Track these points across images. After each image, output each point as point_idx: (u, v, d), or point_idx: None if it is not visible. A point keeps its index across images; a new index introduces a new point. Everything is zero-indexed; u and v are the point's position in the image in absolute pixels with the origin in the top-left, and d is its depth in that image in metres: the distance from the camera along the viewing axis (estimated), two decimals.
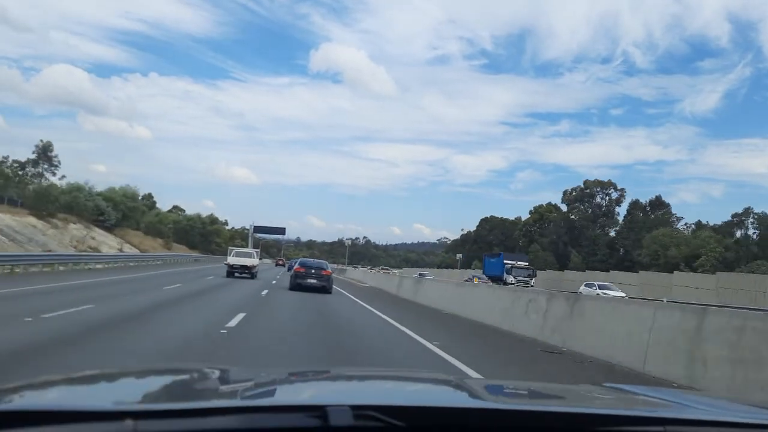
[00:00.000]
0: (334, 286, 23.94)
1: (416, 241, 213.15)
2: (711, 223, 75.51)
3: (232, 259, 30.97)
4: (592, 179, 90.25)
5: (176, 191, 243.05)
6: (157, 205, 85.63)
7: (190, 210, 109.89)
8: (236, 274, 29.76)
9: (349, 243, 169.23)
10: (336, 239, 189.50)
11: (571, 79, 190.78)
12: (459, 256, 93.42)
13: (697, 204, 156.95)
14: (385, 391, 1.79)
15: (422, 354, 8.75)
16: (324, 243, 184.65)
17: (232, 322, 10.53)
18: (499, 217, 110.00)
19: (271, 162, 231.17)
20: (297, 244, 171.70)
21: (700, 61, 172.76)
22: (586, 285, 36.86)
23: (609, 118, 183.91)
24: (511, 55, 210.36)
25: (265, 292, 20.64)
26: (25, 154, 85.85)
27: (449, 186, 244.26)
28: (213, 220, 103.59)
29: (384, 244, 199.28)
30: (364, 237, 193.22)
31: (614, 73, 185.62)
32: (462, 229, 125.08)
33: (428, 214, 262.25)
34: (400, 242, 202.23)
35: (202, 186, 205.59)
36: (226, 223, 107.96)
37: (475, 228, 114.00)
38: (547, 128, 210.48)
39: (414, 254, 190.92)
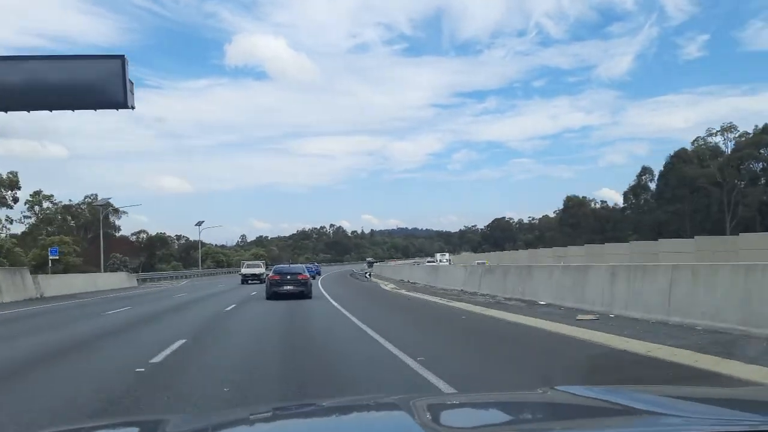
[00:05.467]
0: None
1: (380, 229, 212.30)
2: None
3: (244, 270, 44.63)
4: None
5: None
6: None
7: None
8: (249, 281, 41.33)
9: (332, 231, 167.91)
10: (295, 231, 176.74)
11: (491, 56, 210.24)
12: None
13: (621, 165, 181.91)
14: None
15: None
16: (280, 238, 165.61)
17: (160, 356, 8.30)
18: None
19: (203, 168, 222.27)
20: (243, 245, 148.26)
21: (609, 26, 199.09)
22: None
23: (532, 90, 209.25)
24: (430, 36, 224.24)
25: (231, 307, 19.14)
26: None
27: (390, 174, 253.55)
28: None
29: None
30: (332, 225, 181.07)
31: (531, 45, 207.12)
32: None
33: (374, 203, 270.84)
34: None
35: (131, 201, 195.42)
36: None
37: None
38: (476, 106, 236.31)
39: (399, 239, 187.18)
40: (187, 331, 11.94)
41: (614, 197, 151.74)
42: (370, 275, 50.08)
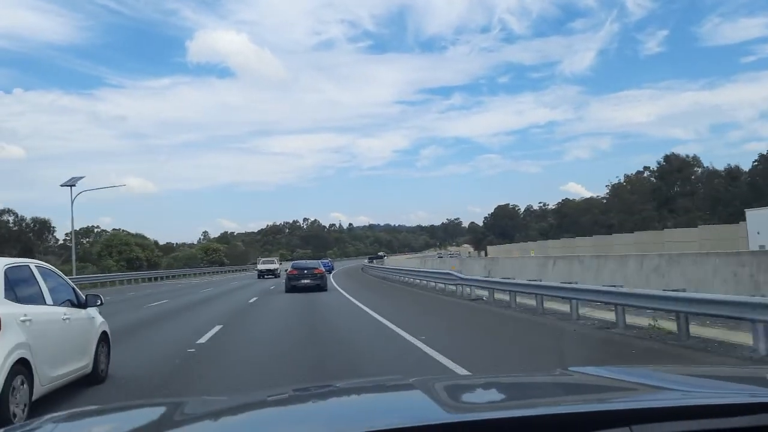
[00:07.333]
0: None
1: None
2: None
3: (260, 266, 51.42)
4: None
5: (66, 211, 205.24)
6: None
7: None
8: (265, 276, 46.36)
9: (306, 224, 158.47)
10: (265, 225, 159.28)
11: (455, 52, 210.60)
12: None
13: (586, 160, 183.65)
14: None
15: None
16: (247, 233, 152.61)
17: None
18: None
19: (167, 168, 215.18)
20: (205, 241, 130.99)
21: (571, 22, 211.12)
22: None
23: (497, 86, 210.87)
24: (394, 33, 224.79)
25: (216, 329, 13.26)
26: None
27: (358, 171, 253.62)
28: None
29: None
30: (306, 219, 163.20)
31: (495, 41, 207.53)
32: None
33: (343, 201, 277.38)
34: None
35: (95, 202, 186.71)
36: None
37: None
38: (442, 103, 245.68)
39: (381, 234, 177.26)
40: None
41: (582, 192, 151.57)
42: None
